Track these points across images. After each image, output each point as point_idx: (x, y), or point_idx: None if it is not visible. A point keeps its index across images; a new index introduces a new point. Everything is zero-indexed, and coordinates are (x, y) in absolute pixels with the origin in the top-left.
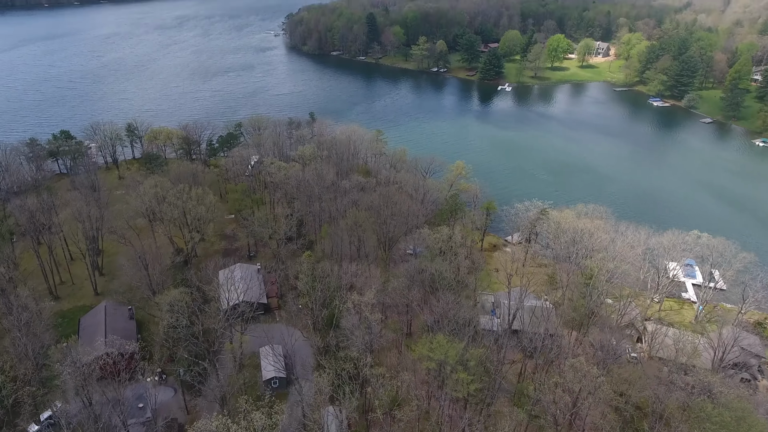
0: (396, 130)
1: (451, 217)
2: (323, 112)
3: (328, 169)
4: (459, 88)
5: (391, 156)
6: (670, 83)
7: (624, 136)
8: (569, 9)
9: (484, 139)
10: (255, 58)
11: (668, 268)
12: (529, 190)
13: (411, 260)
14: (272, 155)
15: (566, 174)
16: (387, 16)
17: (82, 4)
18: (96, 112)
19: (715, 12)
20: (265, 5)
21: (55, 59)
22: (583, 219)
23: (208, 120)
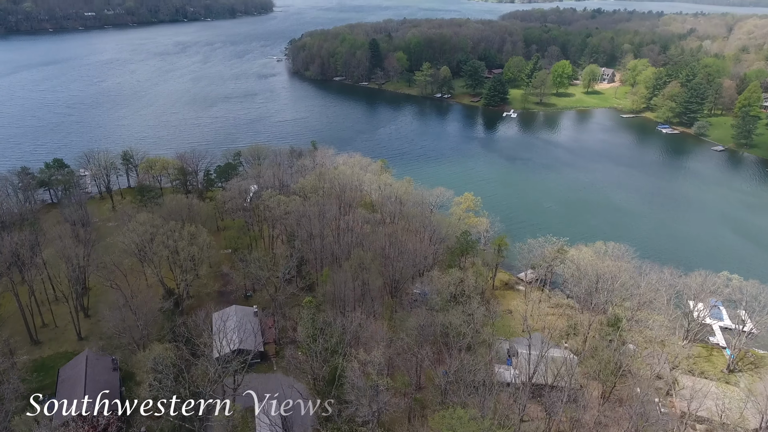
0: (400, 159)
1: (462, 256)
2: (326, 140)
3: (331, 203)
4: (463, 114)
5: (396, 188)
6: (678, 110)
7: (635, 165)
8: (572, 35)
9: (490, 167)
10: (257, 84)
11: (694, 310)
12: (540, 223)
13: (419, 301)
14: (272, 186)
15: (578, 206)
16: (390, 42)
17: (86, 29)
18: (92, 139)
19: (719, 38)
20: (266, 31)
21: (53, 84)
22: (605, 260)
23: (206, 149)
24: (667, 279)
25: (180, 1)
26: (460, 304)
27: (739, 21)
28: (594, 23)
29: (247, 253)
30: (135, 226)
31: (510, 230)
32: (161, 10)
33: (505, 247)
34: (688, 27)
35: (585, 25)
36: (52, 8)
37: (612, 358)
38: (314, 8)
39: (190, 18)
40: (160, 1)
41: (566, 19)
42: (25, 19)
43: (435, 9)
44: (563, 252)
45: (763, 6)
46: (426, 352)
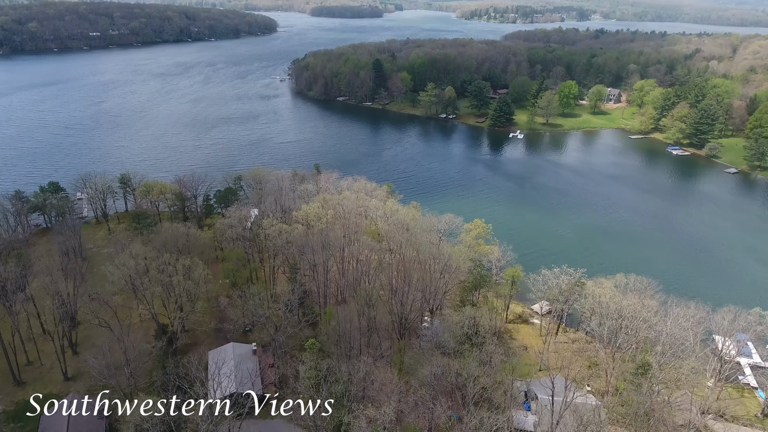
0: (407, 182)
1: (475, 291)
2: (329, 162)
3: (335, 231)
4: (469, 135)
5: (403, 214)
6: (688, 131)
7: (648, 189)
8: (576, 55)
9: (499, 191)
10: (259, 105)
11: (723, 347)
12: (553, 250)
13: (429, 337)
14: (273, 213)
15: (592, 231)
16: (394, 62)
17: (90, 49)
18: (90, 161)
19: (725, 59)
20: (269, 51)
21: (53, 105)
22: (628, 296)
23: (206, 171)
24: (692, 314)
25: (184, 22)
26: (475, 346)
27: (744, 41)
28: (597, 43)
29: (247, 287)
30: (126, 259)
31: (522, 258)
32: (165, 30)
33: (519, 278)
34: (693, 47)
35: (588, 45)
36: (57, 29)
37: (642, 405)
38: (316, 29)
39: (195, 38)
40: (165, 22)
41: (569, 39)
42: (29, 39)
43: (437, 29)
44: (581, 285)
45: (763, 26)
46: (440, 404)
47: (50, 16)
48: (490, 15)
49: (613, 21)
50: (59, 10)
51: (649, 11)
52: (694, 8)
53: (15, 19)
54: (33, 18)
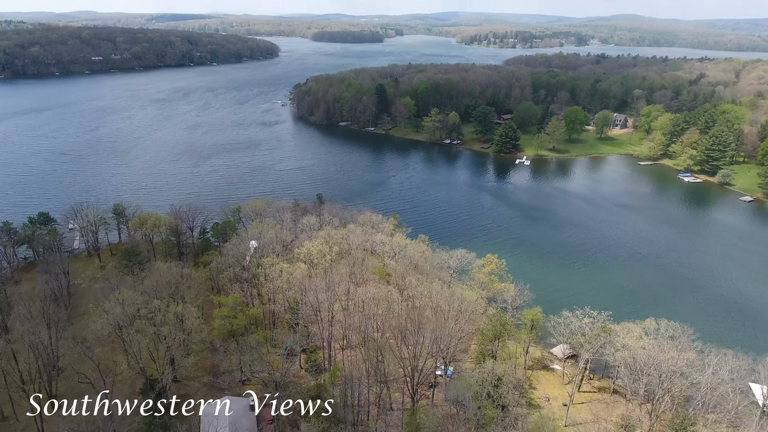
0: (413, 212)
1: (495, 341)
2: (332, 191)
3: (340, 270)
4: (474, 161)
5: (411, 250)
6: (699, 158)
7: (664, 219)
8: (580, 80)
9: (509, 221)
10: (259, 130)
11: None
12: (571, 288)
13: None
14: (273, 249)
15: (611, 267)
16: (396, 87)
17: (93, 73)
18: (84, 189)
19: (730, 84)
20: (269, 76)
21: (49, 130)
22: (665, 348)
23: (203, 201)
24: (732, 364)
25: (186, 47)
26: (498, 406)
27: (746, 66)
28: (599, 68)
29: (244, 337)
30: (112, 305)
31: (539, 297)
32: (168, 54)
33: (539, 322)
34: (696, 72)
35: (591, 70)
36: (59, 53)
37: None
38: (317, 53)
39: (197, 62)
40: (167, 47)
41: (571, 64)
42: (31, 63)
43: (437, 54)
44: (609, 331)
45: (760, 50)
46: None
47: (53, 41)
48: (489, 40)
49: (611, 46)
50: (62, 34)
51: (646, 36)
52: (690, 33)
53: (18, 43)
54: (36, 42)
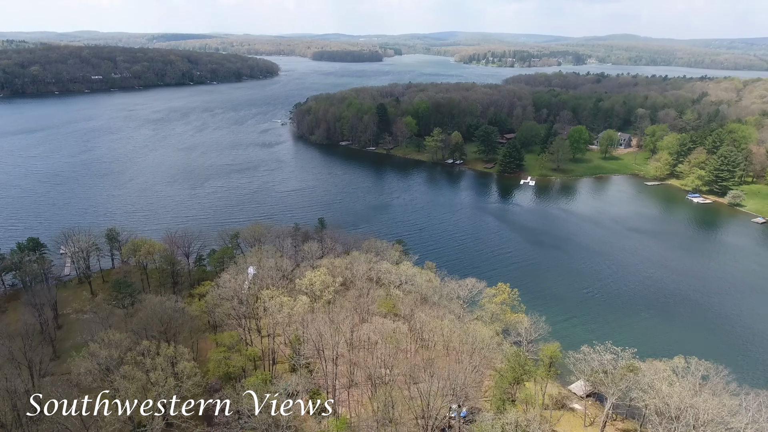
0: (418, 236)
1: (516, 383)
2: (334, 213)
3: (344, 304)
4: (478, 182)
5: (419, 280)
6: (708, 178)
7: (677, 242)
8: (582, 99)
9: (517, 245)
10: (259, 150)
11: None
12: (586, 318)
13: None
14: (273, 279)
15: (627, 295)
16: (398, 106)
17: (92, 92)
18: (77, 212)
19: (733, 103)
20: (268, 96)
21: (42, 151)
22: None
23: (200, 228)
24: None
25: (186, 66)
26: None
27: (748, 85)
28: (600, 87)
29: (241, 383)
30: (97, 348)
31: (554, 329)
32: (168, 74)
33: (558, 359)
34: (698, 91)
35: (592, 89)
36: (59, 72)
37: None
38: (316, 73)
39: (196, 81)
40: (167, 66)
41: (571, 83)
42: (31, 82)
43: (437, 74)
44: (635, 370)
45: (756, 69)
46: None
47: (53, 60)
48: (488, 59)
49: (609, 65)
50: (62, 53)
51: (643, 56)
52: (686, 53)
53: (18, 62)
54: (36, 61)
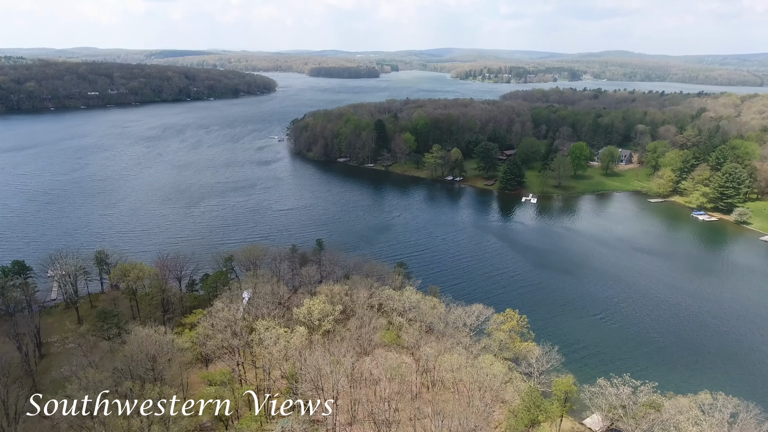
0: (420, 257)
1: (530, 426)
2: (333, 233)
3: (344, 335)
4: (479, 199)
5: (424, 307)
6: (713, 195)
7: (687, 262)
8: (581, 115)
9: (524, 267)
10: (255, 167)
11: None
12: (601, 346)
13: None
14: (269, 308)
15: (641, 320)
16: (396, 122)
17: (88, 108)
18: (67, 233)
19: (732, 118)
20: (262, 112)
21: (33, 168)
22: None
23: (193, 249)
24: None
25: (184, 82)
26: None
27: (746, 100)
28: (598, 103)
29: (234, 426)
30: (75, 390)
31: (566, 358)
32: (165, 90)
33: (573, 394)
34: (696, 107)
35: (590, 105)
36: (55, 88)
37: None
38: (313, 89)
39: (194, 97)
40: (164, 82)
41: (568, 99)
42: (26, 98)
43: (434, 90)
44: (657, 407)
45: (750, 85)
46: None
47: (49, 76)
48: (484, 75)
49: (605, 81)
50: (59, 70)
51: (637, 72)
52: (680, 69)
53: (14, 78)
54: (32, 78)
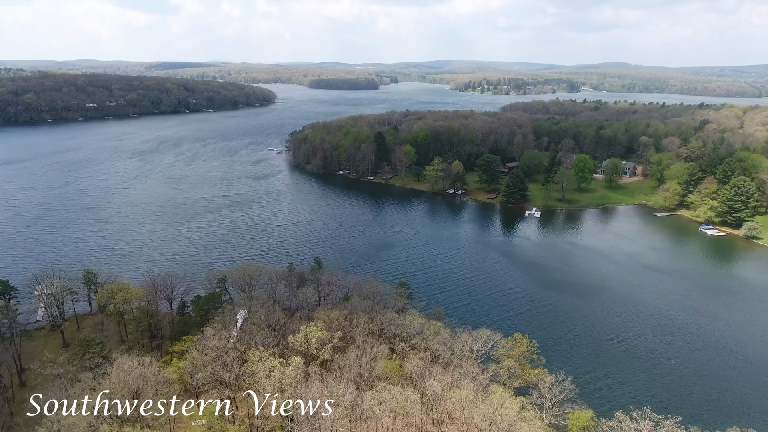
0: (423, 276)
1: None
2: (332, 250)
3: (342, 365)
4: (481, 214)
5: (429, 334)
6: (721, 209)
7: (700, 280)
8: (583, 127)
9: (528, 286)
10: (253, 180)
11: None
12: (617, 375)
13: None
14: (264, 336)
15: (658, 344)
16: (396, 134)
17: (86, 120)
18: (56, 249)
19: (736, 130)
20: (259, 125)
21: (24, 182)
22: None
23: (187, 266)
24: None
25: (183, 94)
26: None
27: (748, 112)
28: (599, 115)
29: None
30: None
31: (580, 387)
32: (163, 101)
33: (590, 429)
34: (698, 118)
35: (590, 116)
36: (53, 100)
37: None
38: (311, 101)
39: (192, 109)
40: (163, 94)
41: (569, 111)
42: (24, 110)
43: (433, 101)
44: None
45: (749, 96)
46: None
47: (47, 88)
48: (483, 87)
49: (603, 92)
50: (57, 81)
51: (636, 83)
52: (678, 80)
53: (11, 90)
54: (30, 89)
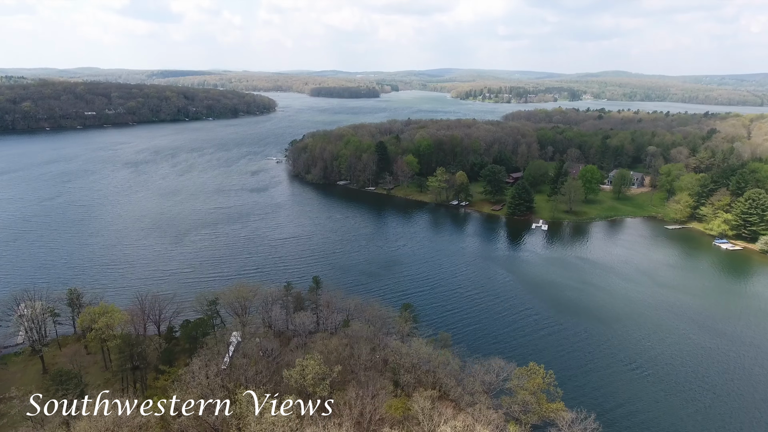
0: (429, 295)
1: None
2: (332, 267)
3: (341, 402)
4: (487, 226)
5: (435, 360)
6: (735, 222)
7: (719, 299)
8: (588, 136)
9: (540, 308)
10: (251, 191)
11: None
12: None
13: None
14: (259, 369)
15: (681, 371)
16: (398, 144)
17: (84, 128)
18: (42, 266)
19: (744, 139)
20: (258, 133)
21: (13, 194)
22: None
23: (177, 287)
24: None
25: (182, 102)
26: None
27: (755, 121)
28: (603, 124)
29: None
30: None
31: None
32: (163, 109)
33: None
34: (704, 128)
35: (595, 125)
36: (51, 108)
37: None
38: (311, 109)
39: (192, 117)
40: (162, 102)
41: (572, 120)
42: (22, 118)
43: (435, 110)
44: None
45: (751, 105)
46: None
47: (46, 96)
48: (484, 95)
49: (605, 101)
50: (56, 89)
51: (637, 92)
52: (680, 89)
53: (9, 98)
54: (29, 97)
